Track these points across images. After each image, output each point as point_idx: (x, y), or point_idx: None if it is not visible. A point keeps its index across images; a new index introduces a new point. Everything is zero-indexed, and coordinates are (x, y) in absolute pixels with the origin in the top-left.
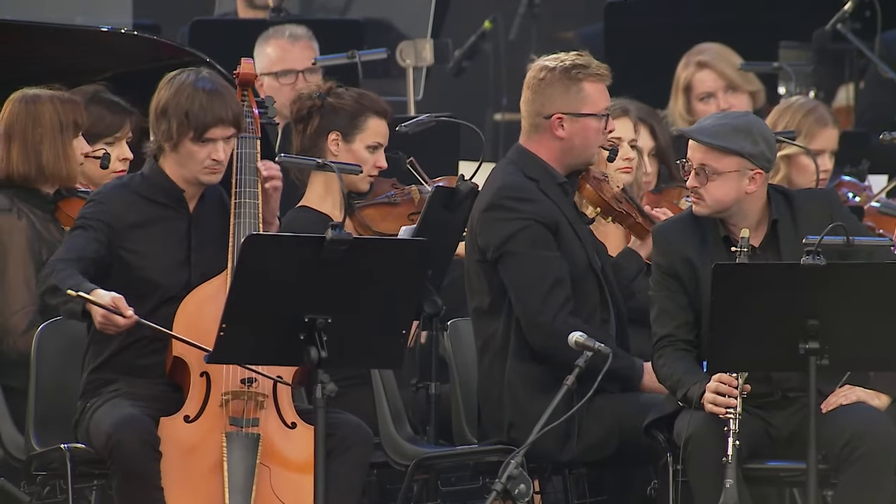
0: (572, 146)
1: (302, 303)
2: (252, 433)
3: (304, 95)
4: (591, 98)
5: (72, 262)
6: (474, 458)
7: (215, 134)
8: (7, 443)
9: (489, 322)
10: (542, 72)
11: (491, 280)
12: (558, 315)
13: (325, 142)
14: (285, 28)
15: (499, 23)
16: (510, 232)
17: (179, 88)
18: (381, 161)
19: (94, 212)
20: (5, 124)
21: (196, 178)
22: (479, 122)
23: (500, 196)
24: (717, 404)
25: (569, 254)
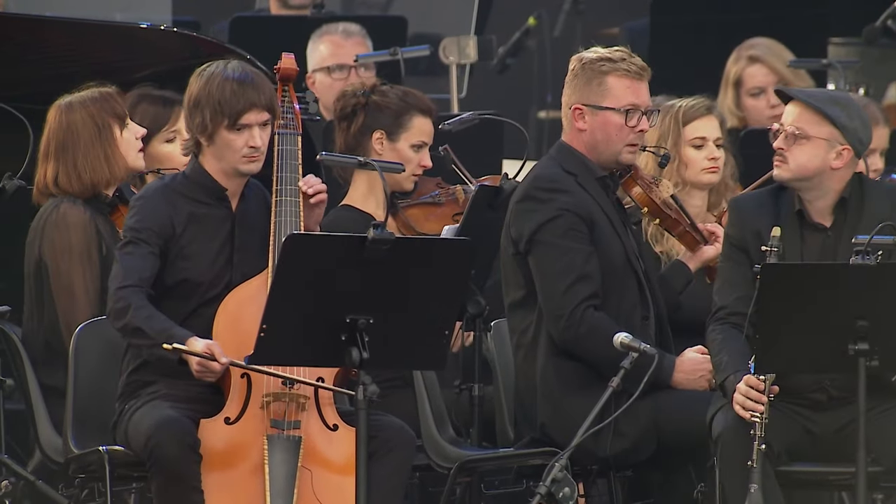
0: (595, 140)
1: (343, 303)
2: (293, 435)
3: (347, 93)
4: (614, 92)
5: (140, 290)
6: (518, 460)
7: (249, 119)
8: (45, 445)
9: (523, 316)
10: (572, 64)
11: (525, 273)
12: (577, 309)
13: (370, 140)
14: (338, 24)
15: (543, 19)
16: (541, 221)
17: (209, 79)
18: (426, 160)
19: (141, 222)
20: (45, 141)
21: (236, 168)
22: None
23: (533, 187)
24: (745, 408)
25: (605, 250)
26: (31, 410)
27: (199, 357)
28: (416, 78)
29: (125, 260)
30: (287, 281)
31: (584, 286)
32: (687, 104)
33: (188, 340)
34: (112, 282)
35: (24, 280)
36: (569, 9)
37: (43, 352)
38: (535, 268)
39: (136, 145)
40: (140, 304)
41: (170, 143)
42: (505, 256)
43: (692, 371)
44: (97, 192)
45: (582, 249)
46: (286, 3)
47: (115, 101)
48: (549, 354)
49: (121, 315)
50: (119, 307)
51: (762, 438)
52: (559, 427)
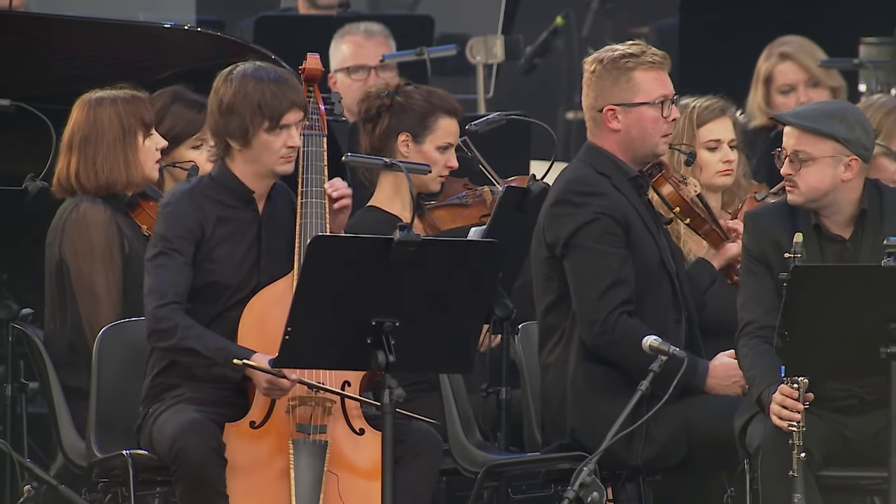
0: (631, 138)
1: (369, 305)
2: (319, 440)
3: (372, 94)
4: (644, 86)
5: (180, 306)
6: (545, 465)
7: (289, 119)
8: (68, 449)
9: (555, 320)
10: (592, 65)
11: (558, 276)
12: (612, 314)
13: (395, 143)
14: (360, 24)
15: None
16: (577, 225)
17: (242, 82)
18: (452, 161)
19: (171, 229)
20: (69, 133)
21: (272, 169)
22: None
23: (568, 190)
24: (781, 417)
25: (640, 252)
26: (53, 414)
27: (269, 374)
28: (442, 78)
29: (159, 274)
30: (312, 283)
31: (618, 291)
32: (701, 105)
33: (254, 357)
34: (148, 299)
35: (45, 281)
36: (597, 8)
37: (66, 354)
38: (570, 272)
39: (155, 156)
40: (187, 324)
41: (196, 149)
42: (537, 260)
43: (725, 377)
44: (113, 192)
45: (618, 254)
46: (314, 3)
47: (145, 108)
48: (581, 359)
49: (167, 336)
50: (163, 328)
51: (801, 447)
52: (589, 432)
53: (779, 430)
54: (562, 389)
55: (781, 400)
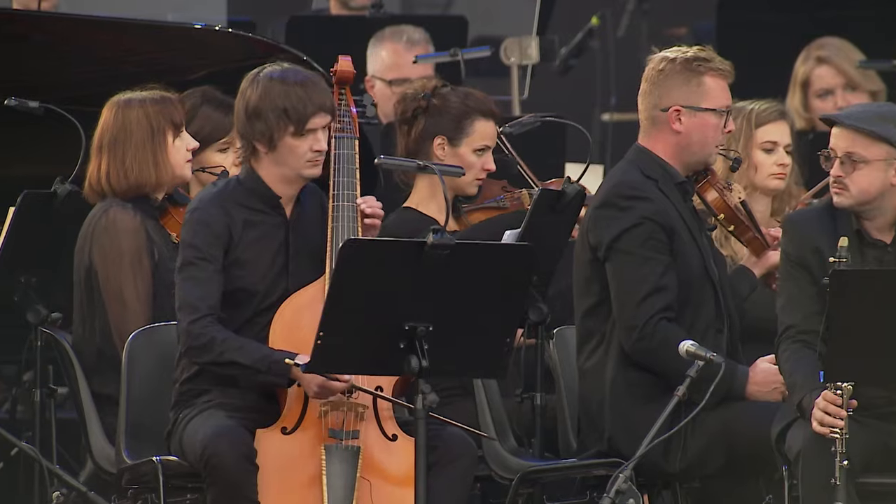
0: (689, 142)
1: (402, 310)
2: (352, 446)
3: (408, 96)
4: (712, 93)
5: (214, 318)
6: (581, 471)
7: (315, 124)
8: (97, 455)
9: (595, 324)
10: (661, 63)
11: (601, 280)
12: (651, 321)
13: (431, 146)
14: (403, 32)
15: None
16: (621, 229)
17: (268, 85)
18: (489, 164)
19: (199, 236)
20: (98, 135)
21: (299, 173)
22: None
23: (614, 193)
24: (824, 424)
25: (684, 258)
26: (83, 420)
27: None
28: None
29: (189, 288)
30: (344, 287)
31: (659, 298)
32: (760, 107)
33: (299, 359)
34: (181, 314)
35: (74, 287)
36: (633, 8)
37: (95, 360)
38: (611, 276)
39: (185, 156)
40: (224, 337)
41: (222, 152)
42: (579, 262)
43: (765, 383)
44: (143, 193)
45: (660, 260)
46: (346, 4)
47: (175, 108)
48: (620, 364)
49: (206, 351)
50: (201, 344)
51: (843, 455)
52: (627, 438)
53: (819, 437)
54: (599, 395)
55: (825, 406)
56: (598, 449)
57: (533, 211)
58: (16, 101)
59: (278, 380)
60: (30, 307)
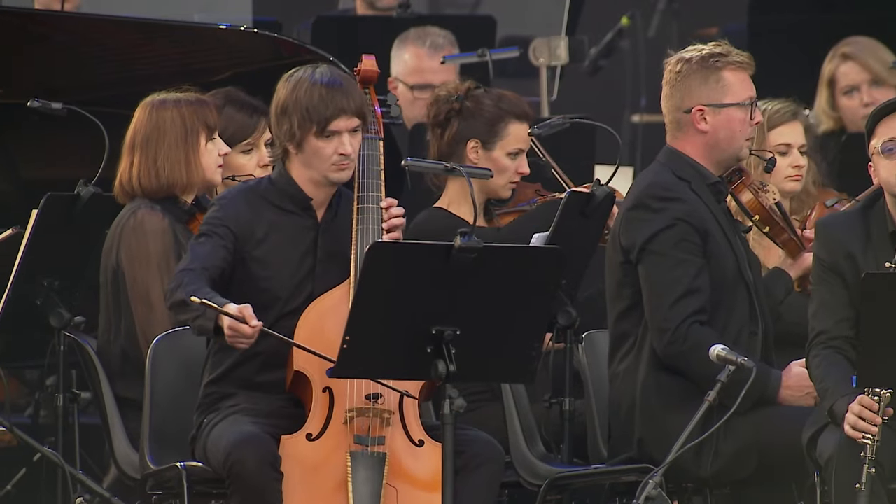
0: (717, 140)
1: (429, 314)
2: (378, 452)
3: (441, 98)
4: (733, 87)
5: (198, 272)
6: (610, 477)
7: (339, 126)
8: (121, 460)
9: (627, 327)
10: (678, 64)
11: (633, 282)
12: (683, 324)
13: (464, 149)
14: (427, 35)
15: (637, 19)
16: (654, 230)
17: (297, 85)
18: (523, 167)
19: (219, 217)
20: (131, 134)
21: (325, 176)
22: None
23: (647, 195)
24: (857, 428)
25: (717, 260)
26: (106, 425)
27: (231, 317)
28: (504, 80)
29: (194, 248)
30: (370, 291)
31: (692, 301)
32: (772, 108)
33: (227, 306)
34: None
35: (100, 289)
36: (664, 8)
37: (119, 364)
38: (643, 278)
39: (217, 160)
40: (190, 281)
41: (246, 154)
42: (611, 265)
43: (798, 387)
44: (172, 194)
45: (694, 262)
46: (373, 5)
47: (209, 111)
48: (652, 368)
49: (170, 294)
50: (171, 286)
51: (872, 461)
52: (658, 444)
53: (851, 442)
54: (630, 399)
55: (859, 411)
56: (628, 454)
57: (562, 213)
58: (39, 103)
59: (208, 323)
60: (53, 311)
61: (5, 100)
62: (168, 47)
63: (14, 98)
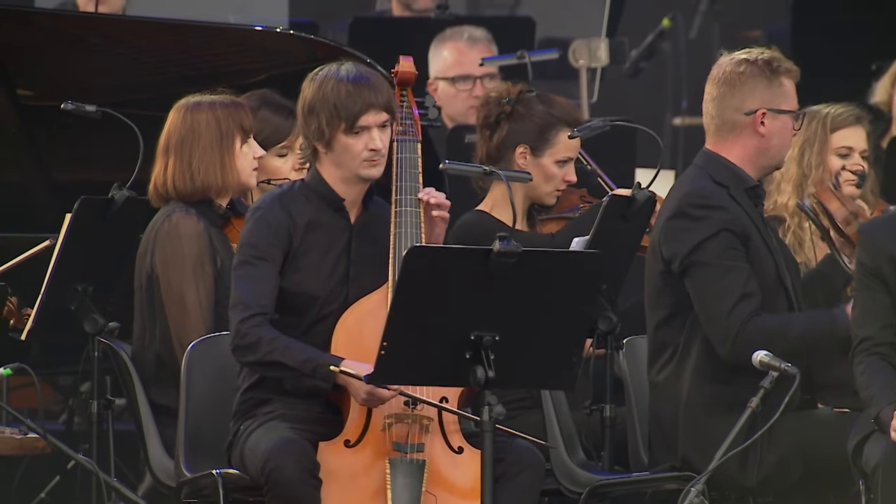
0: (770, 146)
1: (468, 319)
2: (417, 459)
3: (492, 100)
4: (789, 94)
5: (264, 318)
6: (651, 485)
7: (368, 121)
8: (156, 468)
9: (667, 336)
10: (741, 65)
11: (675, 291)
12: (744, 326)
13: (513, 154)
14: (464, 30)
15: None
16: (698, 241)
17: (323, 83)
18: (571, 175)
19: (258, 236)
20: (165, 136)
21: (356, 173)
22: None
23: (687, 203)
24: None
25: (758, 266)
26: (141, 431)
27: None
28: (544, 82)
29: (243, 286)
30: (408, 296)
31: (748, 304)
32: (836, 111)
33: (345, 364)
34: (233, 312)
35: (135, 293)
36: (705, 10)
37: (154, 370)
38: (693, 289)
39: (252, 164)
40: (271, 336)
41: (281, 157)
42: (651, 274)
43: None
44: (207, 197)
45: (742, 267)
46: (409, 7)
47: (245, 114)
48: (696, 378)
49: (252, 351)
50: (247, 343)
51: None
52: (701, 454)
53: None
54: (672, 409)
55: None
56: (672, 464)
57: (602, 217)
58: (73, 106)
59: (323, 384)
60: (87, 316)
61: (39, 102)
62: (203, 49)
63: (47, 100)
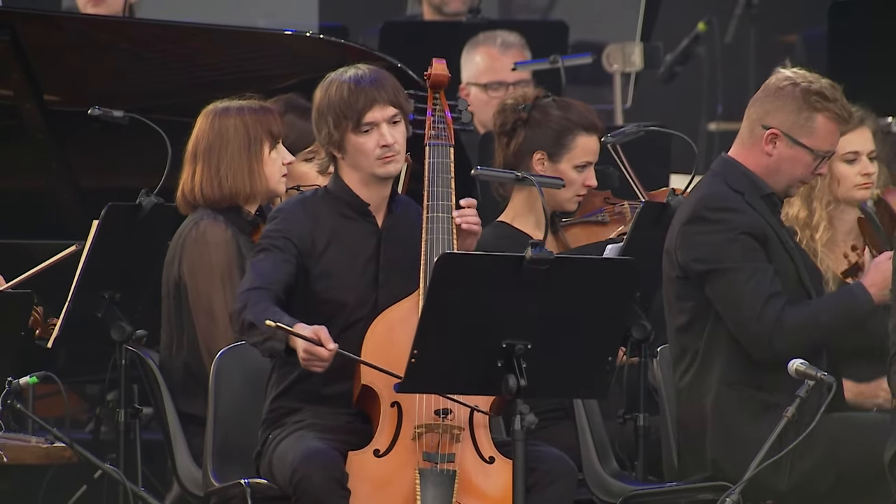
0: (777, 169)
1: (499, 327)
2: (447, 469)
3: (508, 107)
4: (819, 133)
5: (263, 290)
6: (685, 495)
7: (374, 117)
8: (184, 477)
9: (687, 342)
10: (784, 82)
11: (692, 297)
12: (777, 322)
13: (530, 161)
14: (497, 35)
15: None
16: (717, 246)
17: (328, 86)
18: (591, 180)
19: (279, 230)
20: (193, 142)
21: (373, 173)
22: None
23: (703, 207)
24: None
25: (778, 269)
26: (168, 440)
27: (306, 340)
28: (577, 87)
29: (256, 266)
30: (440, 303)
31: (776, 302)
32: None
33: (296, 325)
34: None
35: (162, 301)
36: (742, 13)
37: (182, 378)
38: (717, 294)
39: (281, 170)
40: (256, 300)
41: (308, 162)
42: (668, 280)
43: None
44: (235, 204)
45: (765, 268)
46: (440, 11)
47: (273, 119)
48: (721, 385)
49: (237, 315)
50: (237, 308)
51: None
52: (731, 461)
53: None
54: (699, 417)
55: None
56: (703, 474)
57: (636, 224)
58: (100, 111)
59: (277, 345)
60: (114, 324)
61: (66, 107)
62: (231, 54)
63: (74, 106)
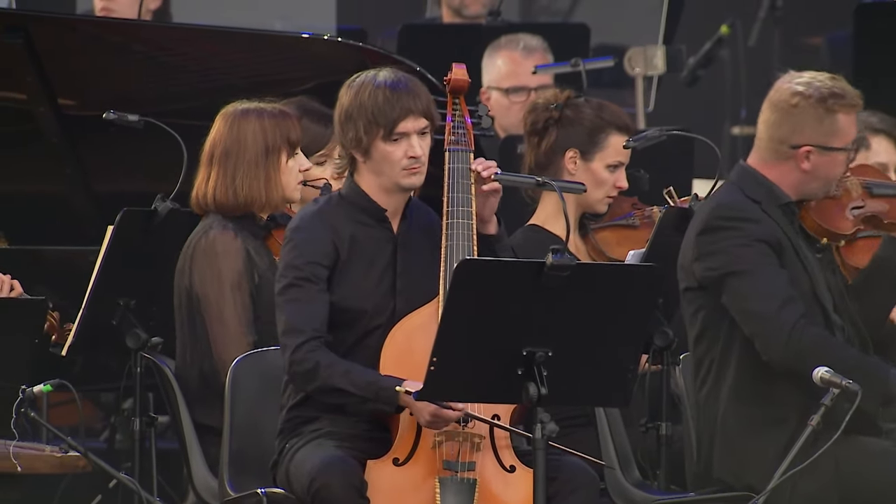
0: (814, 178)
1: (520, 334)
2: (468, 478)
3: (539, 106)
4: (843, 131)
5: (318, 342)
6: None
7: (406, 128)
8: (199, 487)
9: (702, 352)
10: (794, 97)
11: (704, 304)
12: (796, 326)
13: (562, 160)
14: (519, 39)
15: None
16: (731, 253)
17: (360, 89)
18: (622, 181)
19: (301, 256)
20: (209, 145)
21: (396, 182)
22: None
23: (716, 216)
24: None
25: (792, 279)
26: (184, 449)
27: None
28: (598, 90)
29: (291, 310)
30: (459, 310)
31: (794, 307)
32: None
33: (407, 384)
34: (285, 339)
35: (175, 311)
36: (765, 16)
37: (197, 388)
38: (733, 299)
39: (297, 178)
40: (329, 361)
41: (320, 165)
42: (682, 290)
43: None
44: (249, 211)
45: (781, 272)
46: (460, 13)
47: (293, 125)
48: (732, 398)
49: (311, 378)
50: (304, 370)
51: None
52: (735, 477)
53: None
54: (710, 428)
55: None
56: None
57: (658, 230)
58: (115, 115)
59: (387, 407)
60: (129, 331)
61: (80, 111)
62: (248, 57)
63: (89, 110)
